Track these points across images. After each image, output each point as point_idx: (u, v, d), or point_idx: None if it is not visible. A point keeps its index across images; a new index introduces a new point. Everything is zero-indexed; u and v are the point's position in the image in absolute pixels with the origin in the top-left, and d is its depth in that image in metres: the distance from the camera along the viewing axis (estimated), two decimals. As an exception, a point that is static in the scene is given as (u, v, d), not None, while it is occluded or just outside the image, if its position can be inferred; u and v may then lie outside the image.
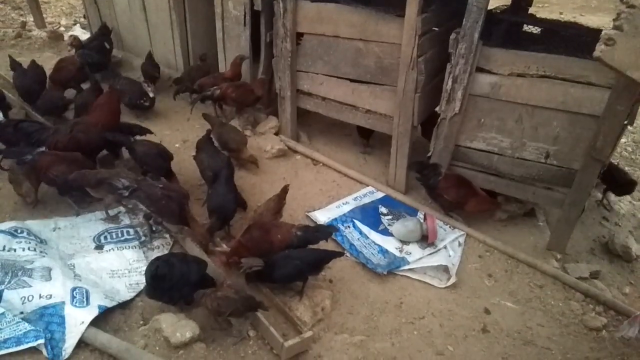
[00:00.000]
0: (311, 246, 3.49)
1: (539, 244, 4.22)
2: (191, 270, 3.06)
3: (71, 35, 6.44)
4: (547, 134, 3.89)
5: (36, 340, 2.66)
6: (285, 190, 3.85)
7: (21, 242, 3.37)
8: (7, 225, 3.54)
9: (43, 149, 3.99)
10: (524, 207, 4.46)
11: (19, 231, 3.48)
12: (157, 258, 3.14)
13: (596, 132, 3.59)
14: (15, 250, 3.30)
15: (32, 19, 9.96)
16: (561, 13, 14.28)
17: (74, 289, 3.04)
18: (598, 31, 3.12)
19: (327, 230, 3.62)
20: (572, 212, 3.96)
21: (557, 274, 3.92)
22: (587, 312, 3.67)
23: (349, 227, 4.11)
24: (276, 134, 5.36)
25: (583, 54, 3.52)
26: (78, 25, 9.25)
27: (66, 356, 2.67)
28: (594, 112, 3.61)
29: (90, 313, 2.87)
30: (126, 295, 3.20)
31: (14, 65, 5.37)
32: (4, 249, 3.27)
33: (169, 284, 2.93)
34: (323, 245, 3.57)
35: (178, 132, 5.24)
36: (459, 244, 4.07)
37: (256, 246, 3.42)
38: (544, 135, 3.91)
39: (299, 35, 4.82)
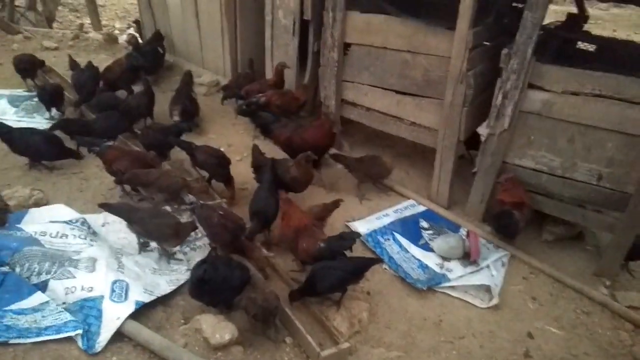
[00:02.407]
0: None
1: (587, 269, 4.05)
2: (234, 275, 3.09)
3: (130, 34, 6.71)
4: (600, 155, 3.74)
5: (74, 330, 2.74)
6: (336, 204, 3.89)
7: (74, 229, 3.52)
8: (64, 217, 3.70)
9: (111, 143, 4.28)
10: (573, 230, 4.30)
11: (73, 220, 3.63)
12: (204, 260, 3.17)
13: (654, 155, 3.44)
14: (67, 236, 3.43)
15: (88, 22, 10.43)
16: (614, 30, 13.84)
17: (114, 282, 3.11)
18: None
19: (351, 237, 3.53)
20: (624, 237, 3.79)
21: (606, 301, 3.75)
22: (637, 344, 3.48)
23: (388, 239, 4.07)
24: (319, 142, 5.38)
25: (640, 74, 3.39)
26: (132, 28, 9.59)
27: (99, 349, 2.73)
28: (652, 135, 3.46)
29: (127, 309, 2.94)
30: (166, 289, 3.26)
31: (73, 65, 5.64)
32: (57, 235, 3.40)
33: (212, 286, 2.97)
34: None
35: (223, 136, 5.34)
36: (503, 264, 3.96)
37: (289, 245, 3.54)
38: (597, 157, 3.76)
39: (346, 46, 4.86)
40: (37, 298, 2.89)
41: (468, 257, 3.90)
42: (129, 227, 3.55)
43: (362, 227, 4.19)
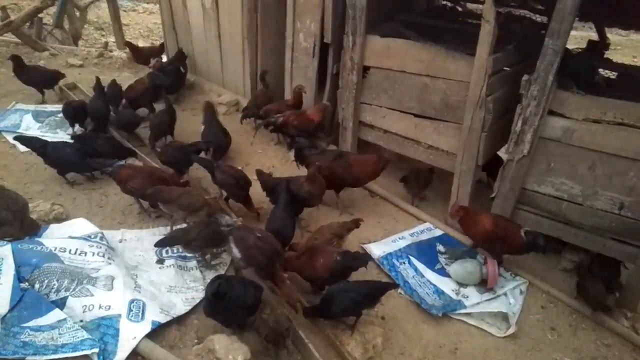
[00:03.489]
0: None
1: (608, 300, 3.95)
2: (247, 293, 3.09)
3: (157, 60, 6.88)
4: (622, 184, 3.68)
5: (91, 348, 2.75)
6: (356, 223, 3.95)
7: (93, 246, 3.55)
8: (84, 231, 3.76)
9: (123, 162, 4.27)
10: (593, 259, 4.21)
11: (92, 236, 3.67)
12: (219, 277, 3.20)
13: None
14: (86, 254, 3.46)
15: (113, 40, 10.70)
16: (634, 57, 13.75)
17: (132, 302, 3.13)
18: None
19: (364, 258, 3.55)
20: (646, 268, 3.71)
21: (627, 333, 3.64)
22: (660, 379, 3.38)
23: (404, 263, 4.04)
24: (335, 163, 5.40)
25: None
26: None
27: None
28: (675, 165, 3.40)
29: (144, 329, 2.95)
30: (182, 309, 3.27)
31: (96, 87, 5.71)
32: (76, 252, 3.44)
33: (227, 302, 2.97)
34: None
35: (241, 155, 5.39)
36: (521, 292, 3.88)
37: (301, 271, 3.54)
38: (618, 185, 3.70)
39: (365, 69, 4.90)
40: (55, 315, 2.91)
41: (485, 284, 3.84)
42: (186, 249, 3.73)
43: (377, 249, 4.16)
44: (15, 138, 4.73)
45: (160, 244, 3.69)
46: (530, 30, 5.02)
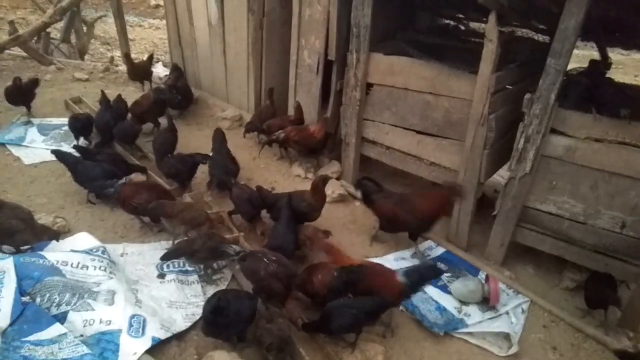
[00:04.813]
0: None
1: (610, 319, 3.92)
2: (244, 306, 3.09)
3: (169, 77, 6.97)
4: (624, 203, 3.69)
5: (91, 363, 2.74)
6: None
7: (94, 260, 3.55)
8: (86, 245, 3.75)
9: (123, 181, 4.27)
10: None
11: (94, 250, 3.67)
12: (215, 294, 3.19)
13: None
14: (87, 267, 3.46)
15: (118, 54, 10.80)
16: (636, 76, 13.81)
17: (132, 317, 3.13)
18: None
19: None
20: (649, 288, 3.68)
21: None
22: (664, 401, 3.33)
23: (406, 280, 4.01)
24: (337, 178, 5.42)
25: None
26: (160, 62, 9.90)
27: None
28: (677, 184, 3.40)
29: (144, 344, 2.95)
30: (182, 325, 3.27)
31: (102, 100, 5.78)
32: (78, 266, 3.44)
33: (226, 320, 2.96)
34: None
35: (244, 170, 5.40)
36: (522, 311, 3.86)
37: (302, 289, 3.50)
38: (620, 204, 3.70)
39: (369, 86, 4.94)
40: (56, 329, 2.90)
41: (487, 302, 3.82)
42: (189, 260, 3.72)
43: (379, 266, 4.14)
44: (52, 152, 4.73)
45: (166, 257, 3.69)
46: (533, 50, 5.06)
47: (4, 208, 3.60)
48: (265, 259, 3.41)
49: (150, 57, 7.66)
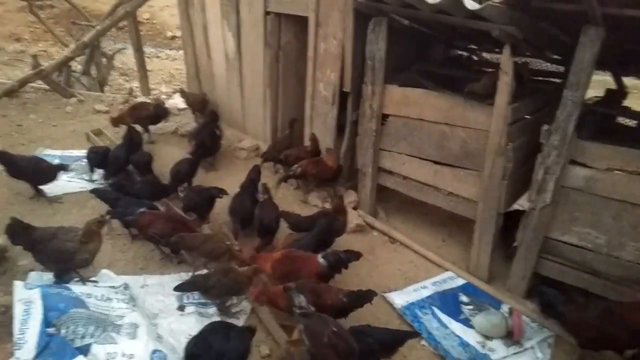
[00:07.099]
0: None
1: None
2: (231, 348, 2.96)
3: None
4: (648, 233, 3.63)
5: (113, 397, 2.73)
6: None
7: (118, 293, 3.59)
8: (109, 282, 3.80)
9: (144, 209, 4.32)
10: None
11: (116, 286, 3.71)
12: (194, 337, 3.07)
13: None
14: (111, 300, 3.49)
15: (136, 85, 11.06)
16: (652, 100, 13.72)
17: (154, 352, 3.13)
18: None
19: (370, 295, 3.52)
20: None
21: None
22: None
23: (427, 313, 3.97)
24: (354, 208, 5.43)
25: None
26: (177, 94, 10.08)
27: None
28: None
29: None
30: None
31: (127, 136, 5.91)
32: (102, 298, 3.48)
33: None
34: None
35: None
36: (548, 345, 3.77)
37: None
38: (645, 235, 3.65)
39: (384, 116, 4.99)
40: (79, 362, 2.90)
41: (511, 336, 3.74)
42: (204, 296, 3.69)
43: (399, 298, 4.11)
44: (92, 191, 4.80)
45: (180, 288, 3.68)
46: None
47: (58, 233, 3.71)
48: (331, 326, 3.04)
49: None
